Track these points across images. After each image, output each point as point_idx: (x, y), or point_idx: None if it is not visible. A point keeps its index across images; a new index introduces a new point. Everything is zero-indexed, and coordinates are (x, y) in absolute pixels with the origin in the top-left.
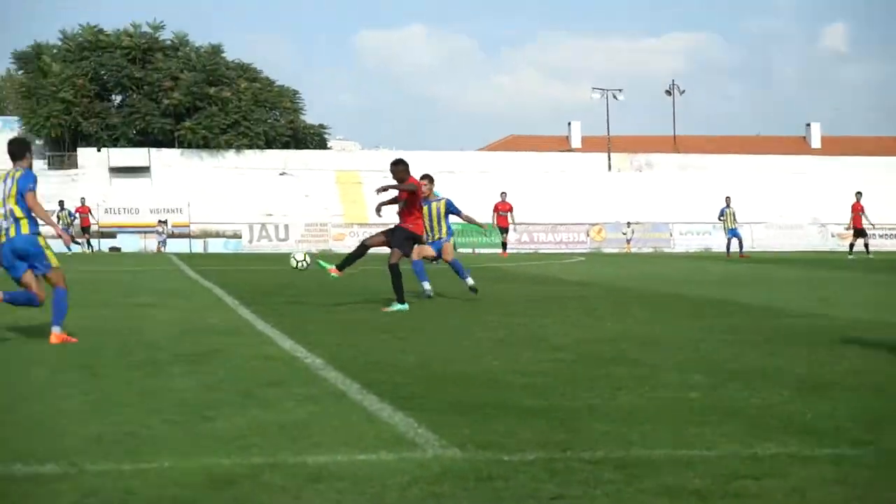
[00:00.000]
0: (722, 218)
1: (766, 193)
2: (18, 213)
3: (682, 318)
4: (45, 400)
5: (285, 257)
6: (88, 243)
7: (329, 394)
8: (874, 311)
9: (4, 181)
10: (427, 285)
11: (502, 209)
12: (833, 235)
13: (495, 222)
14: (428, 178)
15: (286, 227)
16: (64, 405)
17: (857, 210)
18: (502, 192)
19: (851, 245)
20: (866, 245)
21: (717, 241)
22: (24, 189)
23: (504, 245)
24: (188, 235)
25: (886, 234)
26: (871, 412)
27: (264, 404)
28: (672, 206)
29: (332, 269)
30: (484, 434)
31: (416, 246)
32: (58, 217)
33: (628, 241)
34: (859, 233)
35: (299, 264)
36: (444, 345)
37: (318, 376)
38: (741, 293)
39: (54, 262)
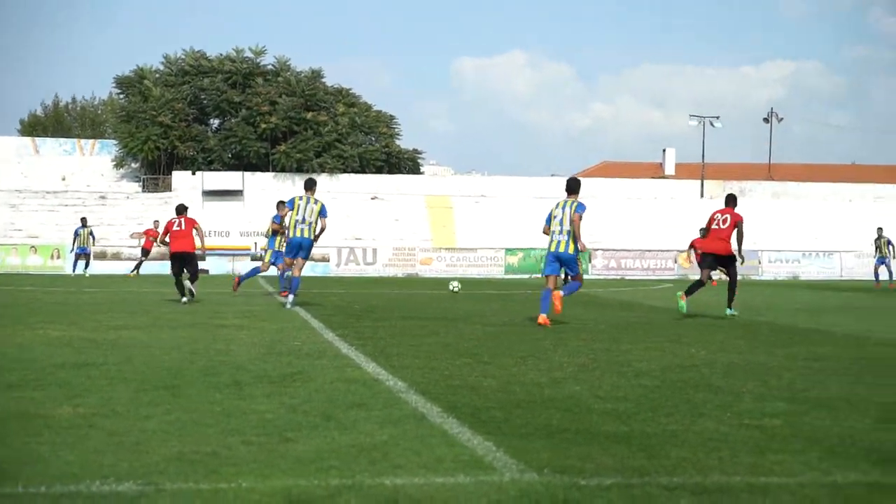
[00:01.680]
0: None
1: (861, 221)
2: None
3: (766, 346)
4: (128, 418)
5: (371, 281)
6: (137, 266)
7: (409, 416)
8: None
9: None
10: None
11: None
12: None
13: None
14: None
15: (374, 251)
16: (146, 424)
17: None
18: None
19: None
20: None
21: (805, 270)
22: None
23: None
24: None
25: None
26: None
27: (345, 426)
28: (763, 234)
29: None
30: (562, 459)
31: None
32: (76, 234)
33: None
34: None
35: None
36: (526, 369)
37: (399, 399)
38: (828, 321)
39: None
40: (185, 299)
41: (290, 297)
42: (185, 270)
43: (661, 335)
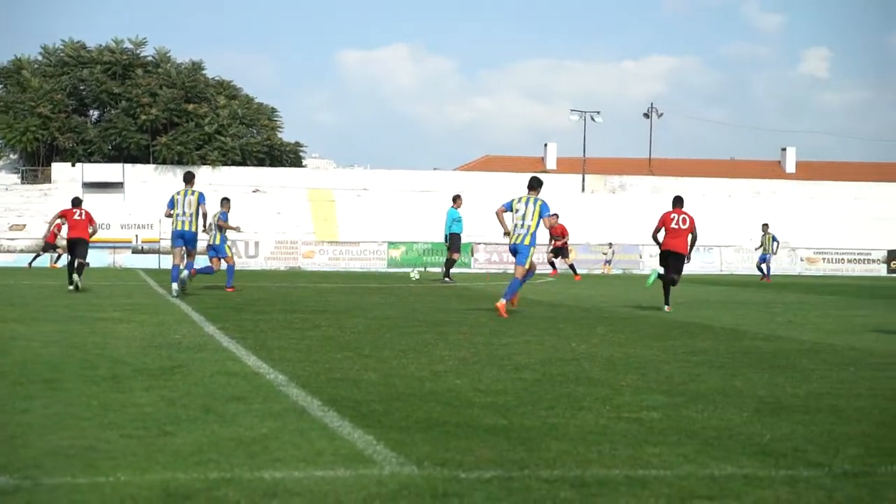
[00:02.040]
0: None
1: (739, 217)
2: None
3: (646, 339)
4: (5, 412)
5: (250, 274)
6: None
7: (290, 410)
8: (839, 333)
9: None
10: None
11: None
12: (802, 259)
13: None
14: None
15: (256, 243)
16: (23, 418)
17: None
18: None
19: None
20: None
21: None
22: None
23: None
24: (158, 251)
25: (856, 260)
26: (828, 434)
27: (224, 420)
28: (644, 228)
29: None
30: (442, 452)
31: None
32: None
33: (608, 262)
34: None
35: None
36: (407, 363)
37: (279, 392)
38: (707, 315)
39: None
40: (71, 287)
41: (175, 285)
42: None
43: (542, 329)
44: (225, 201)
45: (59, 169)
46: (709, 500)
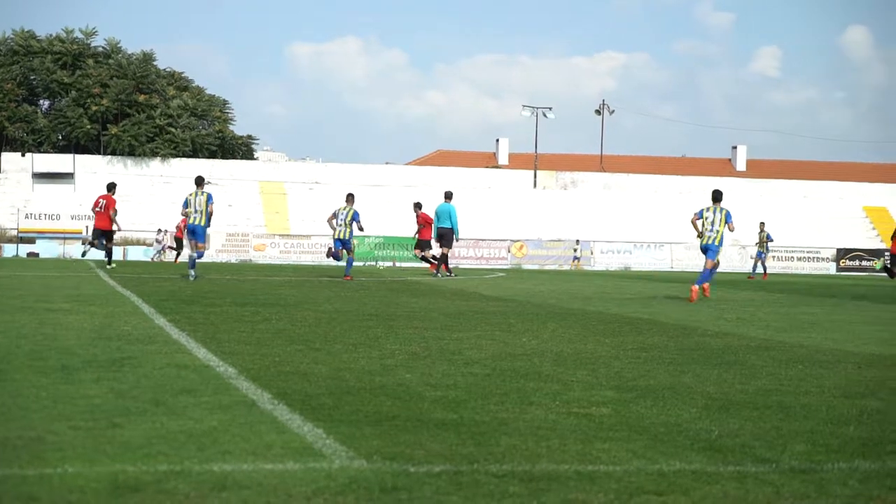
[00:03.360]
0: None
1: (690, 214)
2: None
3: (596, 335)
4: None
5: (203, 266)
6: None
7: (239, 403)
8: (788, 331)
9: None
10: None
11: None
12: (751, 258)
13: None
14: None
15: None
16: None
17: None
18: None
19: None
20: None
21: (636, 260)
22: None
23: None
24: None
25: (805, 257)
26: (776, 431)
27: (174, 412)
28: (594, 225)
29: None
30: (392, 446)
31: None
32: None
33: (577, 259)
34: None
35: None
36: (358, 356)
37: (229, 385)
38: (658, 311)
39: None
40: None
41: (192, 271)
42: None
43: (493, 324)
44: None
45: (8, 159)
46: (657, 496)
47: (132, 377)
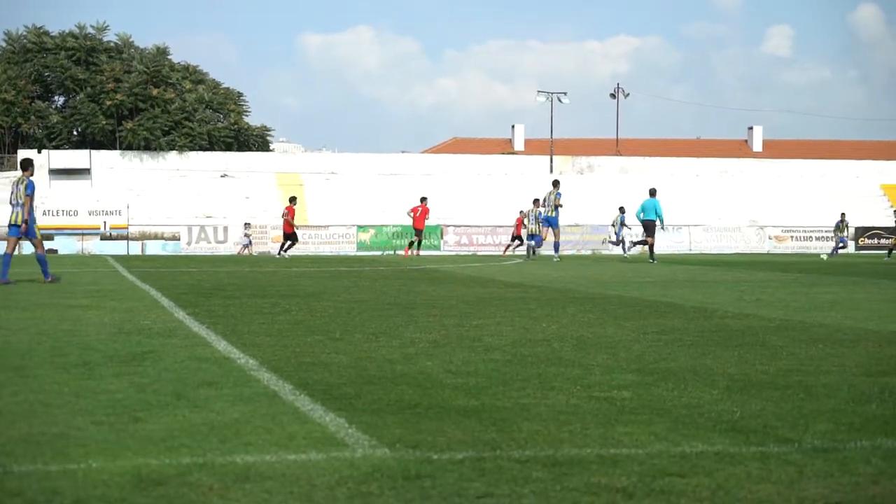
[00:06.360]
0: None
1: (706, 196)
2: None
3: (616, 319)
4: None
5: (223, 260)
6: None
7: (261, 394)
8: (808, 310)
9: None
10: None
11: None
12: (770, 238)
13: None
14: None
15: (225, 228)
16: None
17: None
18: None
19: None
20: None
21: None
22: None
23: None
24: (126, 238)
25: (824, 237)
26: (798, 411)
27: (195, 405)
28: (612, 209)
29: None
30: (414, 434)
31: None
32: None
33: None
34: None
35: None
36: (378, 346)
37: (250, 377)
38: (677, 294)
39: None
40: None
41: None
42: None
43: (512, 310)
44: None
45: (24, 156)
46: (680, 478)
47: (153, 371)
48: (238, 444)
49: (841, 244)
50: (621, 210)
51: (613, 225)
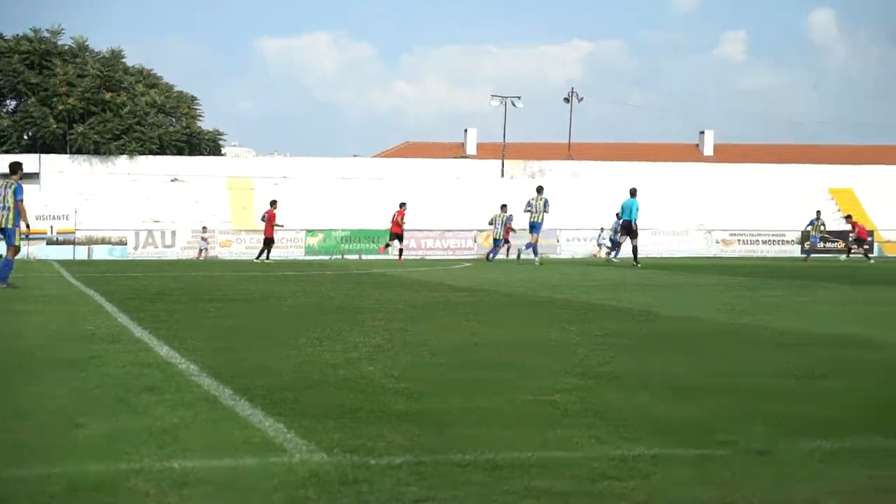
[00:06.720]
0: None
1: (657, 200)
2: None
3: (562, 323)
4: None
5: (170, 264)
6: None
7: (201, 399)
8: (752, 314)
9: None
10: None
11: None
12: (717, 242)
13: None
14: None
15: (173, 233)
16: None
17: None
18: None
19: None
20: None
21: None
22: None
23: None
24: (73, 242)
25: (770, 241)
26: (737, 414)
27: (136, 410)
28: (562, 213)
29: None
30: (353, 438)
31: None
32: None
33: (600, 247)
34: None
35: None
36: (321, 350)
37: (192, 382)
38: (624, 298)
39: None
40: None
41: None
42: None
43: (459, 314)
44: None
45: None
46: (618, 481)
47: (95, 376)
48: (176, 450)
49: (812, 243)
50: (618, 216)
51: (611, 230)
